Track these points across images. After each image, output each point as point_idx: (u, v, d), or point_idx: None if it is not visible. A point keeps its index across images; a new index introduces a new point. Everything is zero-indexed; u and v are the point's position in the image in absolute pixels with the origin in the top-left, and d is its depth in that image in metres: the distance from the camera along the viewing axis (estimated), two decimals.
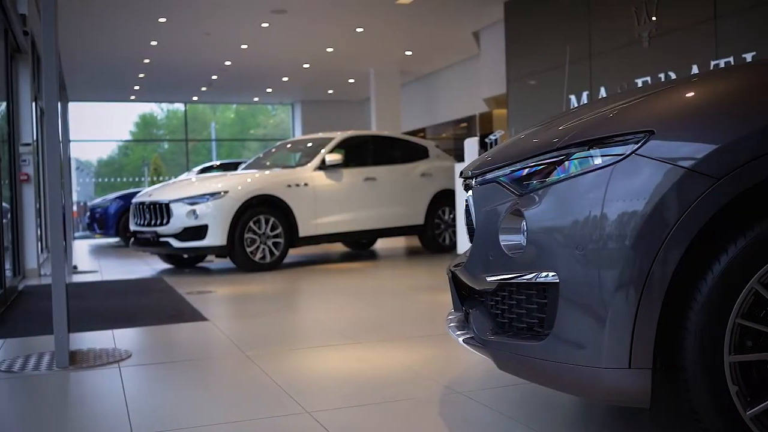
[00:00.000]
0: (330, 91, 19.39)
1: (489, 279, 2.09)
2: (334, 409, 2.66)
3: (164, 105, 24.37)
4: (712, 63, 6.93)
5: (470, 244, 2.35)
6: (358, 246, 10.17)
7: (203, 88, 18.30)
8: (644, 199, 1.72)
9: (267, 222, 7.76)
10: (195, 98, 20.43)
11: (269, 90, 19.09)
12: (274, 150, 9.63)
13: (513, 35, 10.42)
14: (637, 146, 1.76)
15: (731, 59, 6.72)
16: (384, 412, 2.62)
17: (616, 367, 1.74)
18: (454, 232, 9.13)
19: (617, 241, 1.74)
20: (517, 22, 10.34)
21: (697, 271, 1.73)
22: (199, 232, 7.56)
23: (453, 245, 9.15)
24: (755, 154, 1.66)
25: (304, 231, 8.03)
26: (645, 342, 1.72)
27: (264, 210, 7.77)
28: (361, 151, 9.12)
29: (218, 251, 7.71)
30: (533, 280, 1.92)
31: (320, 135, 9.23)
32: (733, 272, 1.69)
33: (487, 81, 12.51)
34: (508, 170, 2.09)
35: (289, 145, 9.68)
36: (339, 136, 8.81)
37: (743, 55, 6.59)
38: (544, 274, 1.88)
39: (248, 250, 7.65)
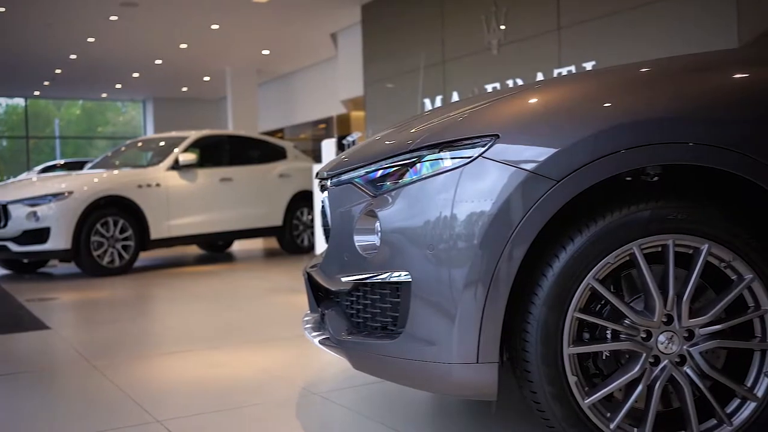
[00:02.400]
0: (184, 89, 18.85)
1: (344, 279, 2.10)
2: (187, 417, 2.58)
3: (2, 99, 22.72)
4: (555, 71, 7.33)
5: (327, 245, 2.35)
6: (214, 248, 9.94)
7: (46, 83, 17.26)
8: (491, 200, 1.78)
9: (116, 224, 7.42)
10: (37, 93, 19.24)
11: (119, 86, 18.29)
12: (123, 149, 9.22)
13: (370, 38, 10.56)
14: (483, 149, 1.82)
15: (573, 68, 7.14)
16: (239, 417, 2.57)
17: (465, 362, 1.80)
18: (313, 233, 9.12)
19: (466, 240, 1.79)
20: (373, 25, 10.49)
21: (540, 268, 1.82)
22: (41, 235, 7.11)
23: (311, 246, 9.13)
24: (591, 158, 1.76)
25: (156, 233, 7.75)
26: (492, 337, 1.78)
27: (112, 211, 7.42)
28: (217, 151, 8.92)
29: (62, 255, 7.29)
30: (387, 280, 1.95)
31: (173, 134, 8.94)
32: (571, 269, 1.79)
33: (344, 83, 12.60)
34: (362, 171, 2.11)
35: (140, 144, 9.31)
36: (193, 135, 8.57)
37: (584, 64, 7.02)
38: (397, 273, 1.91)
39: (95, 253, 7.29)
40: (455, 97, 8.66)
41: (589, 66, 6.96)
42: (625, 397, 1.84)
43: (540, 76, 7.46)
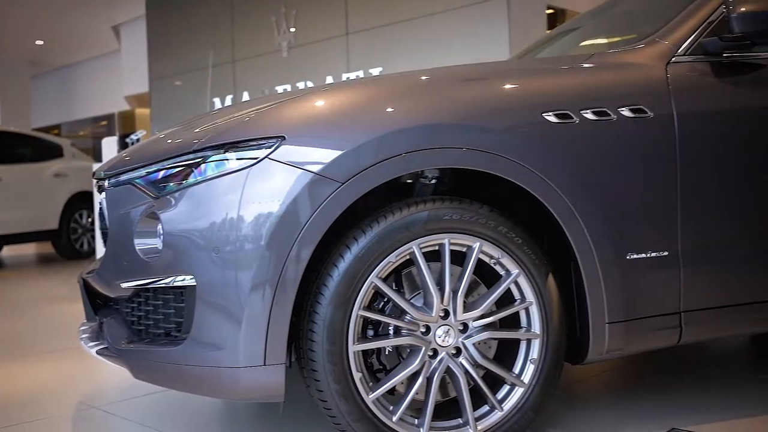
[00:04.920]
0: None
1: (124, 285, 2.00)
2: None
3: None
4: (344, 75, 7.50)
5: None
6: None
7: None
8: (277, 202, 1.78)
9: None
10: None
11: None
12: None
13: (155, 33, 10.14)
14: (270, 151, 1.82)
15: (361, 72, 7.34)
16: None
17: (252, 366, 1.78)
18: (93, 237, 8.60)
19: (253, 242, 1.78)
20: (159, 19, 10.09)
21: (326, 269, 1.85)
22: None
23: (92, 251, 8.61)
24: (374, 161, 1.82)
25: None
26: (279, 338, 1.78)
27: None
28: None
29: None
30: (170, 284, 1.88)
31: None
32: (356, 268, 1.83)
33: (128, 78, 12.04)
34: (143, 172, 2.02)
35: None
36: None
37: (371, 70, 7.24)
38: (180, 277, 1.85)
39: None
40: (246, 97, 8.57)
41: (376, 71, 7.19)
42: (406, 390, 1.92)
43: (330, 80, 7.59)
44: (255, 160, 1.83)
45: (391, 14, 7.10)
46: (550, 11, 6.85)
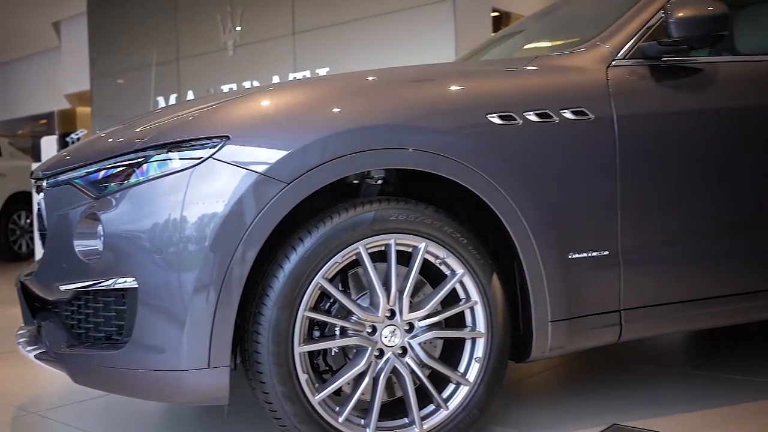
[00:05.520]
0: None
1: (63, 288, 1.96)
2: None
3: None
4: (291, 75, 7.45)
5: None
6: None
7: None
8: (222, 202, 1.77)
9: None
10: None
11: None
12: None
13: (97, 29, 9.92)
14: (213, 151, 1.80)
15: (308, 72, 7.31)
16: None
17: (196, 368, 1.76)
18: (33, 239, 8.37)
19: (197, 243, 1.76)
20: (101, 16, 9.87)
21: (271, 270, 1.84)
22: None
23: (31, 253, 8.38)
24: (320, 161, 1.82)
25: None
26: (223, 341, 1.76)
27: None
28: None
29: None
30: (111, 287, 1.84)
31: None
32: (301, 269, 1.82)
33: (69, 76, 11.77)
34: (83, 171, 1.98)
35: None
36: None
37: (318, 70, 7.22)
38: (122, 279, 1.82)
39: None
40: (191, 96, 8.45)
41: (322, 71, 7.17)
42: (352, 391, 1.92)
43: (276, 79, 7.54)
44: (198, 160, 1.80)
45: (337, 14, 7.09)
46: (496, 14, 6.94)
